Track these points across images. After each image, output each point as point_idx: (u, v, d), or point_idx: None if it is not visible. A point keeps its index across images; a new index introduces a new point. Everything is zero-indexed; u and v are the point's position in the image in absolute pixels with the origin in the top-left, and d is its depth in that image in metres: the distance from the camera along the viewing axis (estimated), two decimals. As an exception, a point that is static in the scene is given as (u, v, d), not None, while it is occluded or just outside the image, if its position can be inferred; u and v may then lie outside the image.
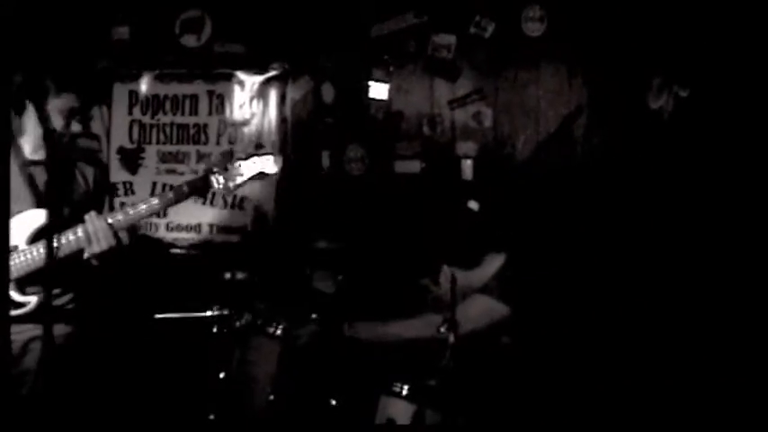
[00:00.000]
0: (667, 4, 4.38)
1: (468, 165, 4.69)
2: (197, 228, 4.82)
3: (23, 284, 2.80)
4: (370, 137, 4.79)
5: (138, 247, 4.70)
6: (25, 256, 2.78)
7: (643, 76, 4.47)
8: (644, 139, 4.47)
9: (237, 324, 3.69)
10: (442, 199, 4.42)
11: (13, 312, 2.75)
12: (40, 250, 2.74)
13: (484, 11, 4.74)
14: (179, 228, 4.84)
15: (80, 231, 2.73)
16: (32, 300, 2.77)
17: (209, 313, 3.84)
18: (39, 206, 2.86)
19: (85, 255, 2.78)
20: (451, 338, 2.98)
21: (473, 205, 3.45)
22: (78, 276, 2.96)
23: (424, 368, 3.18)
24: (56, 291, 2.93)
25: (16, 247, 2.79)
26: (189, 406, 3.77)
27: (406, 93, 4.81)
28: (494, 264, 3.20)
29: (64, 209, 2.89)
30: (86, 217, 2.73)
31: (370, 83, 4.79)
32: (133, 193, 4.73)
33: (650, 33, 4.43)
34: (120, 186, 4.79)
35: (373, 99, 4.79)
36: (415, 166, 4.73)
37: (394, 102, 4.80)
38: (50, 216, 2.74)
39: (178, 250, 4.78)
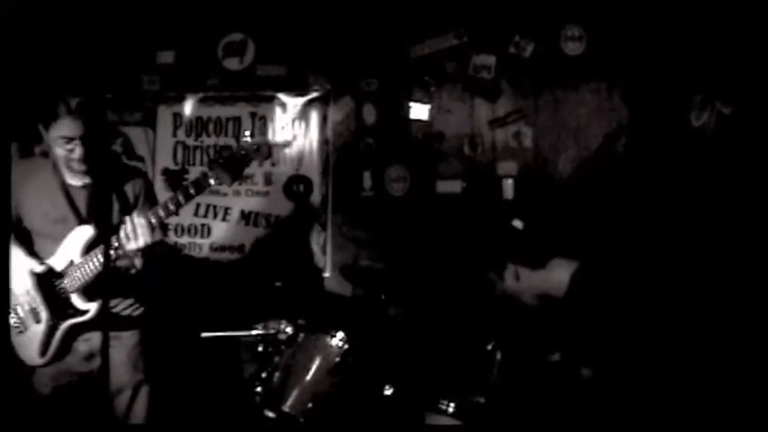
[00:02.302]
0: (708, 20, 4.50)
1: (509, 184, 4.86)
2: (240, 248, 5.03)
3: (86, 293, 3.02)
4: (412, 157, 4.97)
5: (181, 265, 4.94)
6: (81, 267, 3.01)
7: (685, 93, 4.60)
8: (686, 156, 4.59)
9: (281, 337, 3.87)
10: (484, 219, 4.58)
11: (78, 319, 2.99)
12: (93, 259, 2.97)
13: (523, 31, 4.89)
14: (222, 248, 5.05)
15: (121, 232, 2.93)
16: (93, 306, 2.99)
17: (254, 332, 4.01)
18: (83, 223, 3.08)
19: (125, 250, 2.95)
20: (498, 355, 3.13)
21: (517, 223, 3.61)
22: (133, 283, 3.16)
23: (472, 384, 3.32)
24: (117, 298, 3.15)
25: (72, 261, 3.02)
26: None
27: (447, 113, 5.00)
28: (564, 268, 3.27)
29: (110, 224, 3.09)
30: (126, 217, 2.94)
31: (411, 104, 4.96)
32: (177, 214, 4.94)
33: (692, 50, 4.57)
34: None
35: (414, 120, 4.97)
36: (456, 186, 4.91)
37: (435, 122, 4.99)
38: (98, 228, 2.96)
39: (221, 269, 4.97)
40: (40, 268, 3.09)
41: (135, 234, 2.89)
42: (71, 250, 3.05)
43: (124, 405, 3.19)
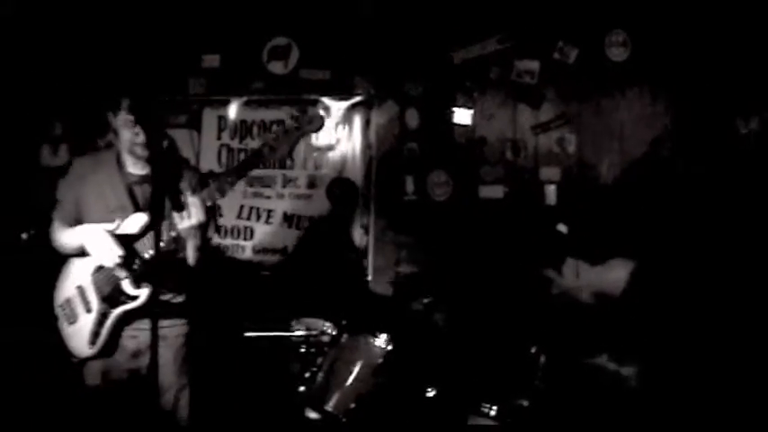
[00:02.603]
0: (755, 26, 4.48)
1: (551, 189, 4.87)
2: (283, 250, 5.09)
3: (138, 279, 3.09)
4: (454, 162, 4.98)
5: (224, 267, 5.01)
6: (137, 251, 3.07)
7: (731, 99, 4.58)
8: (732, 163, 4.56)
9: (324, 339, 3.91)
10: (526, 223, 4.59)
11: (128, 306, 3.05)
12: (148, 244, 3.04)
13: (567, 36, 4.89)
14: (265, 251, 5.12)
15: (176, 214, 2.98)
16: (143, 293, 3.06)
17: (297, 333, 4.05)
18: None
19: (179, 229, 3.00)
20: (542, 359, 3.15)
21: (562, 228, 3.63)
22: (184, 273, 3.21)
23: (515, 388, 3.34)
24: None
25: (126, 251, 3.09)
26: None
27: (490, 118, 5.00)
28: (622, 268, 3.26)
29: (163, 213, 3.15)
30: (181, 197, 2.98)
31: (454, 108, 4.98)
32: (221, 215, 5.04)
33: (738, 56, 4.55)
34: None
35: (457, 124, 4.99)
36: (498, 192, 4.92)
37: (478, 127, 5.00)
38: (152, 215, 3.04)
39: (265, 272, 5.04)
40: (104, 230, 3.14)
41: (189, 213, 2.94)
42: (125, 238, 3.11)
43: (169, 404, 3.24)
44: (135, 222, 3.10)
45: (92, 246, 3.08)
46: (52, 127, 5.51)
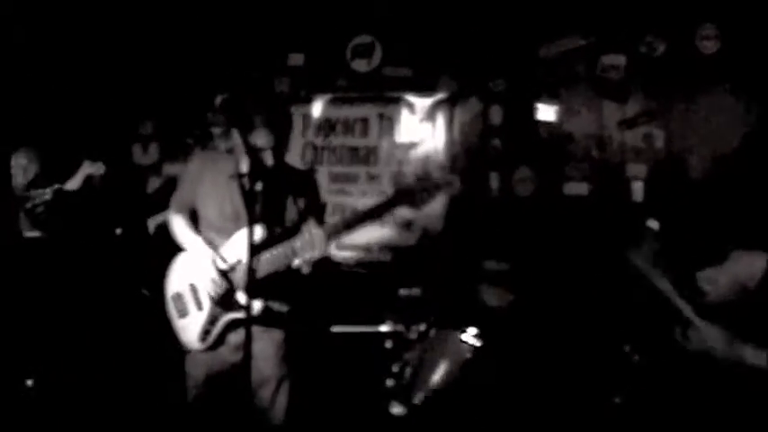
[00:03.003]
0: None
1: (638, 186, 4.83)
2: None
3: (251, 291, 3.18)
4: (539, 159, 4.98)
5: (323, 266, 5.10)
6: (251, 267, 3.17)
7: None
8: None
9: (411, 336, 3.97)
10: (612, 221, 4.57)
11: (239, 314, 3.15)
12: (262, 260, 3.12)
13: (655, 30, 4.83)
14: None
15: (297, 240, 3.07)
16: (255, 304, 3.15)
17: (383, 328, 4.11)
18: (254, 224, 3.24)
19: (297, 261, 3.10)
20: (636, 357, 3.14)
21: (653, 224, 3.60)
22: (295, 286, 3.30)
23: (609, 386, 3.34)
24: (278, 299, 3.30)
25: (240, 261, 3.18)
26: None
27: (575, 114, 4.98)
28: (754, 260, 3.20)
29: (278, 226, 3.24)
30: (304, 226, 3.07)
31: (538, 105, 4.98)
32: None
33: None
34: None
35: (541, 121, 4.97)
36: (583, 188, 4.90)
37: (562, 123, 4.98)
38: (269, 230, 3.13)
39: (348, 268, 5.12)
40: (211, 260, 3.25)
41: (312, 245, 3.02)
42: (241, 248, 3.19)
43: (268, 397, 3.33)
44: (251, 235, 3.18)
45: (193, 261, 3.22)
46: (143, 126, 5.69)
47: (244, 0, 5.37)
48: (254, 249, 3.08)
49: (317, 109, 5.42)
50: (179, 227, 3.33)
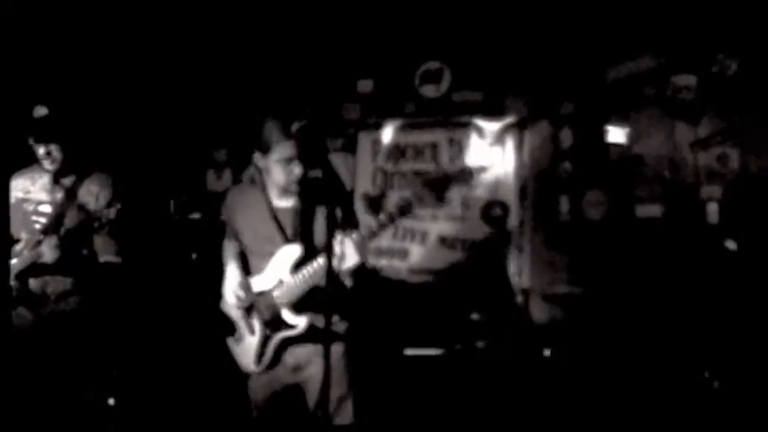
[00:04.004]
0: None
1: (713, 208, 4.81)
2: (438, 272, 5.27)
3: (297, 308, 3.33)
4: (609, 181, 5.02)
5: (379, 288, 5.23)
6: (291, 284, 3.31)
7: None
8: None
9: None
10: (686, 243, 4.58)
11: (288, 333, 3.30)
12: (302, 276, 3.27)
13: (726, 49, 4.84)
14: (420, 271, 5.31)
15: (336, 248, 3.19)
16: (302, 321, 3.29)
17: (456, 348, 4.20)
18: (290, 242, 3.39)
19: (339, 272, 3.23)
20: (716, 384, 3.17)
21: (731, 245, 3.63)
22: (338, 299, 3.43)
23: (685, 412, 3.37)
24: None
25: (281, 279, 3.34)
26: None
27: (646, 136, 5.01)
28: None
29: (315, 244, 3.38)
30: (338, 237, 3.20)
31: (609, 127, 5.02)
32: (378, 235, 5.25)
33: None
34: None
35: (612, 143, 5.02)
36: (656, 210, 4.92)
37: (633, 145, 5.01)
38: (304, 247, 3.28)
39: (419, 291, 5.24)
40: (249, 283, 3.43)
41: (344, 255, 3.16)
42: (280, 268, 3.36)
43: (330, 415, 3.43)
44: (287, 256, 3.34)
45: (225, 283, 3.41)
46: (217, 153, 5.90)
47: (314, 29, 5.53)
48: (295, 267, 3.26)
49: (387, 135, 5.55)
50: (225, 253, 3.55)
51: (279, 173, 3.29)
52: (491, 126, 5.30)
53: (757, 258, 3.81)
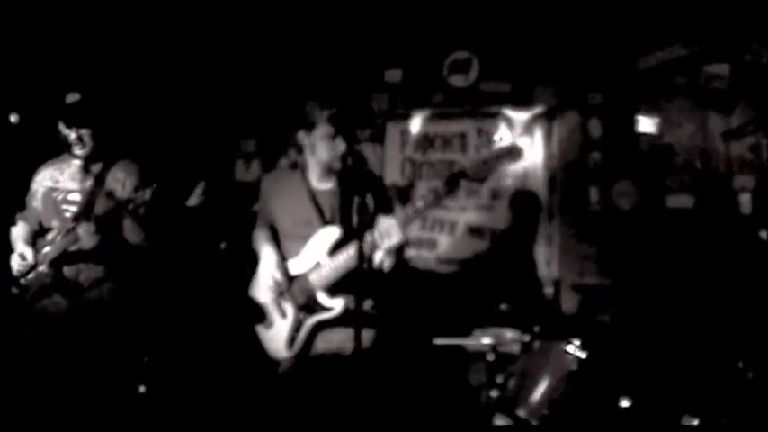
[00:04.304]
0: None
1: (746, 199, 4.79)
2: (466, 261, 5.28)
3: (332, 291, 3.36)
4: (639, 171, 5.01)
5: (408, 278, 5.25)
6: (328, 266, 3.34)
7: None
8: None
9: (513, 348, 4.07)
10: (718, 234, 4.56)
11: (323, 315, 3.33)
12: (340, 258, 3.30)
13: (759, 37, 4.80)
14: (448, 261, 5.33)
15: (374, 234, 3.22)
16: (338, 303, 3.32)
17: (485, 341, 4.20)
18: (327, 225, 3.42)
19: (379, 253, 3.26)
20: (750, 374, 3.15)
21: (764, 235, 3.61)
22: (373, 281, 3.45)
23: (717, 402, 3.36)
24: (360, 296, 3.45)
25: (318, 261, 3.36)
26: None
27: (677, 126, 4.99)
28: None
29: (353, 226, 3.40)
30: (379, 218, 3.22)
31: (639, 117, 5.00)
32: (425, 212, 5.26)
33: None
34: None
35: (642, 133, 5.00)
36: (687, 201, 4.91)
37: (664, 135, 4.99)
38: (343, 229, 3.30)
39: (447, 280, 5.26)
40: (286, 266, 3.46)
41: (389, 233, 3.18)
42: (317, 250, 3.40)
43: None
44: (325, 238, 3.37)
45: (266, 271, 3.43)
46: (246, 143, 5.95)
47: (342, 19, 5.55)
48: (332, 249, 3.28)
49: (415, 125, 5.56)
50: (257, 240, 3.58)
51: (323, 149, 3.36)
52: (520, 116, 5.30)
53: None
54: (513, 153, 3.21)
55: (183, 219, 5.27)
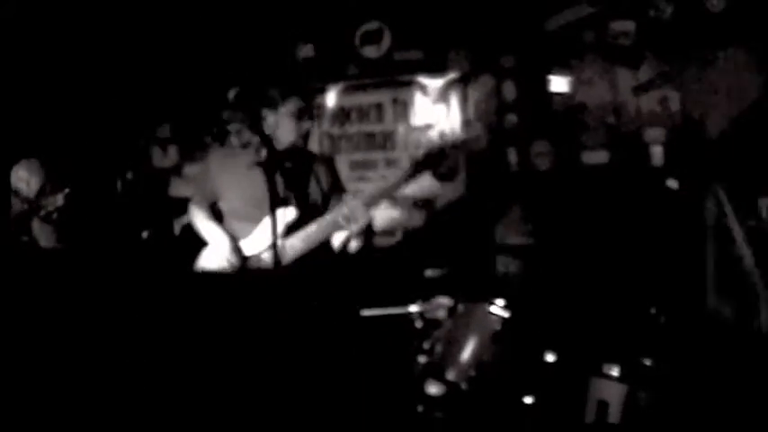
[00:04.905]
0: None
1: (657, 151, 4.90)
2: (391, 232, 5.29)
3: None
4: (555, 131, 5.08)
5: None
6: (284, 247, 3.30)
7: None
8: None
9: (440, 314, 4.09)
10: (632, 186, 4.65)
11: None
12: (296, 239, 3.26)
13: (662, -8, 4.91)
14: (380, 233, 5.34)
15: (339, 215, 3.19)
16: None
17: (413, 309, 4.22)
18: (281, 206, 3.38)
19: (345, 236, 3.24)
20: (662, 319, 3.24)
21: (672, 184, 3.69)
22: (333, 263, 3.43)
23: (634, 349, 3.44)
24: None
25: (273, 243, 3.32)
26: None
27: (588, 84, 5.07)
28: None
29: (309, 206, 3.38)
30: (344, 199, 3.20)
31: (551, 77, 5.06)
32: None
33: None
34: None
35: (555, 93, 5.06)
36: (602, 157, 4.99)
37: (576, 94, 5.07)
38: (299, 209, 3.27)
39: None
40: (240, 247, 3.40)
41: (354, 215, 3.16)
42: (272, 231, 3.34)
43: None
44: (282, 216, 3.32)
45: (218, 252, 3.36)
46: (161, 129, 5.84)
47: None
48: (288, 230, 3.24)
49: (331, 98, 5.53)
50: (201, 220, 3.49)
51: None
52: (434, 83, 5.31)
53: (697, 195, 3.89)
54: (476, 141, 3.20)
55: (100, 213, 5.17)
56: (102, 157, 5.67)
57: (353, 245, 3.30)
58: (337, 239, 3.27)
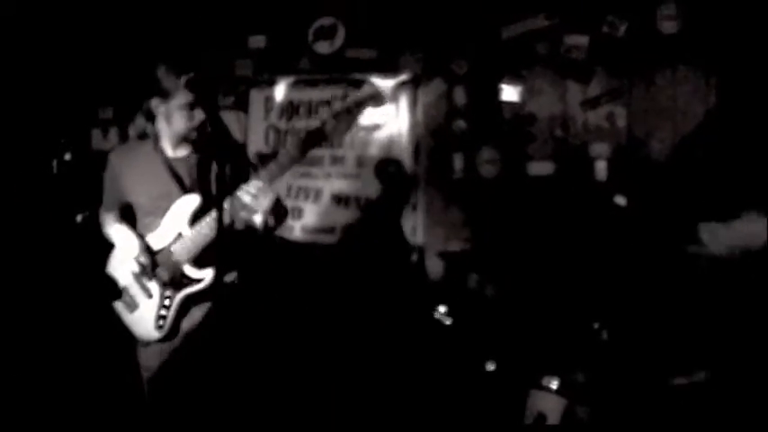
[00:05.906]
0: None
1: (601, 166, 4.91)
2: (331, 230, 5.19)
3: (199, 263, 3.20)
4: (503, 139, 5.05)
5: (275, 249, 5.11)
6: (190, 236, 3.18)
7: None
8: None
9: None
10: (576, 200, 4.64)
11: (193, 288, 3.17)
12: (202, 227, 3.14)
13: (617, 10, 4.91)
14: (314, 230, 5.23)
15: (242, 196, 3.07)
16: (207, 274, 3.16)
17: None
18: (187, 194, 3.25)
19: (258, 218, 3.13)
20: (604, 335, 3.22)
21: (620, 200, 3.68)
22: (245, 252, 3.31)
23: (574, 362, 3.42)
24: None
25: (180, 233, 3.20)
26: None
27: (539, 94, 5.06)
28: (762, 223, 3.26)
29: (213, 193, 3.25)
30: (242, 187, 3.08)
31: (502, 85, 5.03)
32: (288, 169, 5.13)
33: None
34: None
35: (505, 102, 5.04)
36: (547, 168, 4.98)
37: (526, 104, 5.04)
38: (204, 196, 3.15)
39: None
40: (148, 244, 3.26)
41: (258, 196, 3.05)
42: (178, 221, 3.22)
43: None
44: (185, 207, 3.20)
45: (124, 251, 3.23)
46: (102, 111, 5.65)
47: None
48: (193, 219, 3.13)
49: (280, 92, 5.41)
50: (107, 224, 3.37)
51: (180, 119, 3.18)
52: (385, 83, 5.25)
53: (644, 213, 3.88)
54: (375, 99, 3.12)
55: (33, 194, 4.96)
56: (39, 138, 5.46)
57: (271, 223, 3.20)
58: (257, 220, 3.15)
